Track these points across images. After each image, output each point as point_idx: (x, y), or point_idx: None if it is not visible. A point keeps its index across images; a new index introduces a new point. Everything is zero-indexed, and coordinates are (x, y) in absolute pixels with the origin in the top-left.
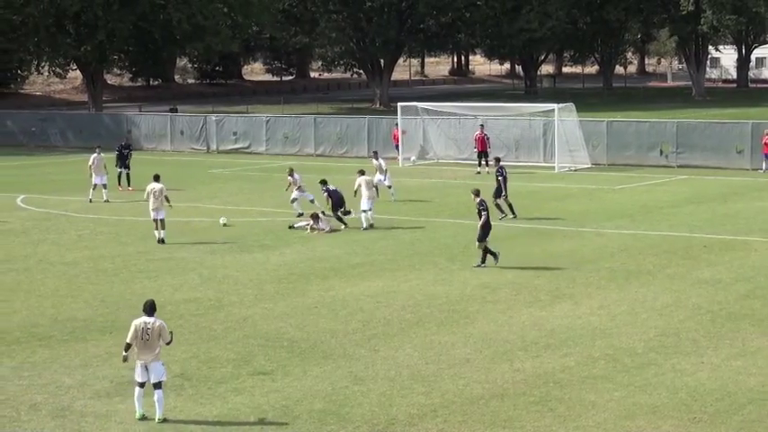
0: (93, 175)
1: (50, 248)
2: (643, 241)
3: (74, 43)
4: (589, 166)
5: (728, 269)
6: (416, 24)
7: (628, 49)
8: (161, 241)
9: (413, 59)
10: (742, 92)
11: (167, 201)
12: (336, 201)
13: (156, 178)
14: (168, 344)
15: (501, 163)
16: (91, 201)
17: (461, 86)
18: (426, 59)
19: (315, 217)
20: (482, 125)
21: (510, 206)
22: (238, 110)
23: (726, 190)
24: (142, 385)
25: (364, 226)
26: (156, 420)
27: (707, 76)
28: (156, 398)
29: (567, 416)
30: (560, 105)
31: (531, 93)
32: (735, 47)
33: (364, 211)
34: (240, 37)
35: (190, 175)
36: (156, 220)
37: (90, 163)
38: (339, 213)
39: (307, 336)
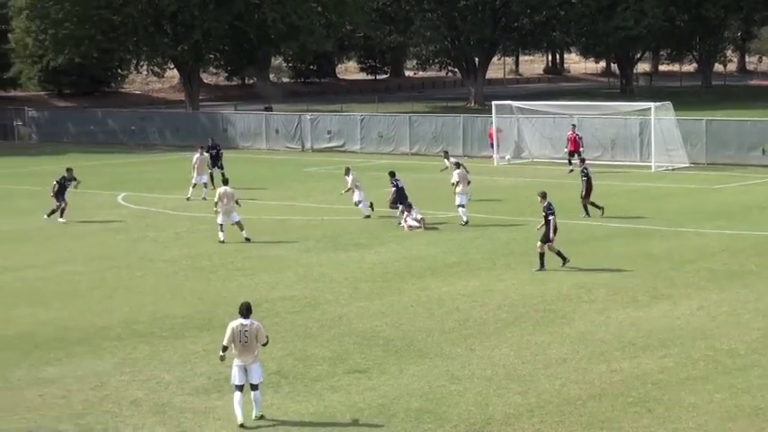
0: (195, 174)
1: (150, 246)
2: (744, 241)
3: (171, 43)
4: (687, 165)
5: None
6: (511, 23)
7: (727, 47)
8: (247, 240)
9: (507, 58)
10: None
11: (237, 203)
12: (397, 196)
13: (226, 182)
14: (264, 345)
15: (586, 163)
16: (188, 199)
17: (556, 85)
18: (521, 58)
19: (409, 207)
20: (574, 125)
21: (585, 207)
22: (333, 108)
23: None
24: (241, 388)
25: (464, 221)
26: (253, 417)
27: None
28: (253, 397)
29: (665, 417)
30: (657, 104)
31: (626, 91)
32: None
33: (460, 206)
34: (334, 36)
35: (284, 174)
36: (221, 225)
37: (193, 162)
38: (393, 207)
39: (402, 334)
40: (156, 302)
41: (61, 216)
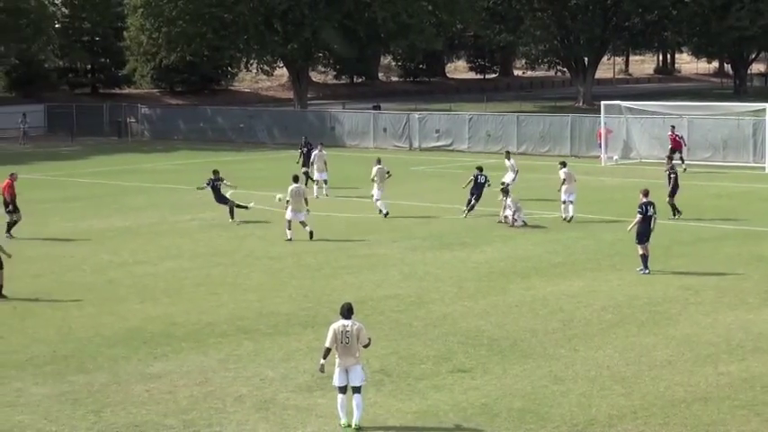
0: (315, 171)
1: (256, 243)
2: None
3: (281, 41)
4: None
5: None
6: (621, 22)
7: None
8: (311, 235)
9: (617, 58)
10: None
11: (306, 203)
12: (474, 189)
13: (296, 179)
14: (366, 346)
15: (673, 162)
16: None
17: (666, 85)
18: (631, 58)
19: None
20: (673, 126)
21: (672, 207)
22: (441, 107)
23: None
24: (343, 390)
25: (570, 214)
26: (353, 426)
27: None
28: (354, 403)
29: None
30: None
31: (740, 92)
32: None
33: (565, 202)
34: (444, 35)
35: (392, 173)
36: (290, 221)
37: (311, 159)
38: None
39: (506, 334)
40: (261, 299)
41: (232, 217)
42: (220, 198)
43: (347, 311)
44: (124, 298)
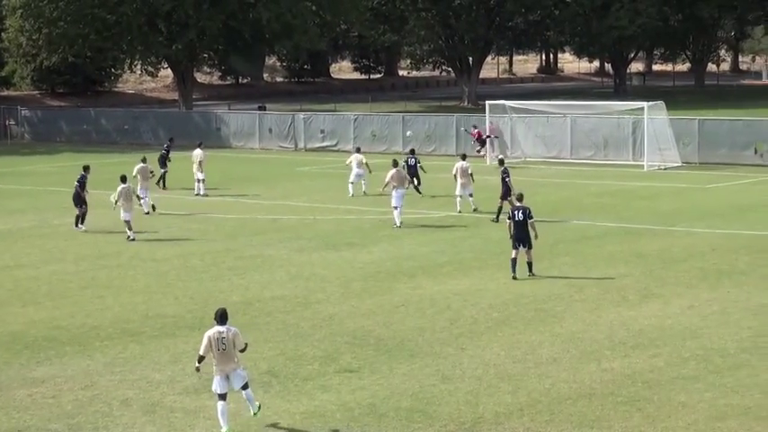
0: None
1: (141, 245)
2: (736, 241)
3: (165, 42)
4: (679, 164)
5: None
6: (505, 22)
7: (721, 47)
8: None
9: (501, 57)
10: None
11: (138, 199)
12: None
13: (123, 179)
14: (242, 351)
15: (505, 165)
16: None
17: (550, 84)
18: (515, 57)
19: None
20: (474, 125)
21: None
22: (326, 108)
23: None
24: (223, 397)
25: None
26: (253, 414)
27: None
28: (245, 396)
29: (656, 416)
30: (650, 103)
31: (620, 91)
32: None
33: (461, 197)
34: (328, 35)
35: (277, 173)
36: (127, 222)
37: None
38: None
39: (393, 334)
40: (148, 302)
41: (82, 222)
42: (78, 199)
43: (221, 317)
44: (6, 302)
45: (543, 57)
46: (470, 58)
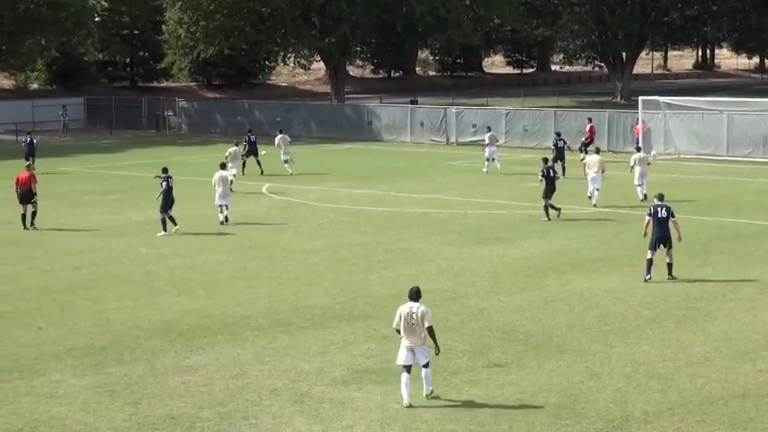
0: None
1: (292, 237)
2: None
3: (318, 35)
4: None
5: None
6: (660, 17)
7: None
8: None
9: (655, 53)
10: None
11: (231, 189)
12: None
13: (223, 167)
14: (430, 331)
15: (549, 164)
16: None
17: (706, 81)
18: (669, 53)
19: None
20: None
21: (546, 208)
22: (478, 102)
23: None
24: (408, 369)
25: (643, 194)
26: (425, 395)
27: None
28: (423, 375)
29: None
30: None
31: None
32: None
33: (640, 186)
34: (482, 29)
35: (429, 167)
36: (220, 206)
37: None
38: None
39: (542, 329)
40: (297, 293)
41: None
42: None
43: (415, 294)
44: (161, 290)
45: (699, 52)
46: (624, 54)
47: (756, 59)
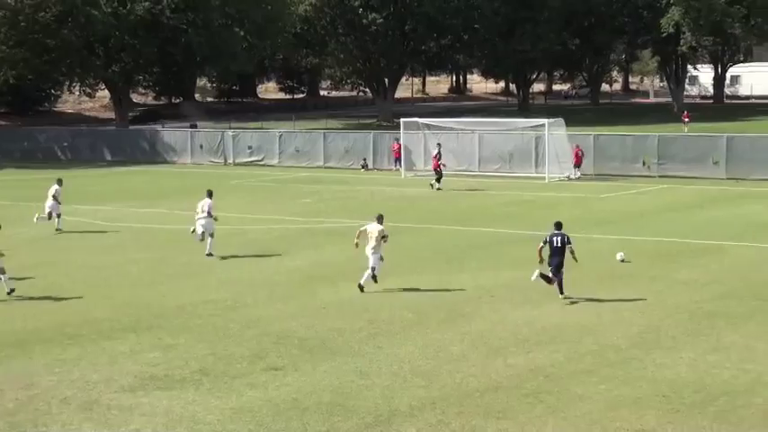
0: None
1: (80, 254)
2: (627, 245)
3: (103, 65)
4: (578, 176)
5: (705, 271)
6: (418, 46)
7: (613, 69)
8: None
9: (415, 78)
10: (718, 107)
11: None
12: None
13: (210, 194)
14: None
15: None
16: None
17: (459, 103)
18: (427, 78)
19: None
20: (439, 143)
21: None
22: (253, 126)
23: (703, 198)
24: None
25: None
26: None
27: (686, 93)
28: None
29: (556, 407)
30: (551, 120)
31: (523, 109)
32: (711, 66)
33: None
34: (255, 58)
35: (209, 186)
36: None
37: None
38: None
39: (315, 334)
40: (87, 306)
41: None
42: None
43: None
44: None
45: (453, 78)
46: (386, 80)
47: (502, 84)
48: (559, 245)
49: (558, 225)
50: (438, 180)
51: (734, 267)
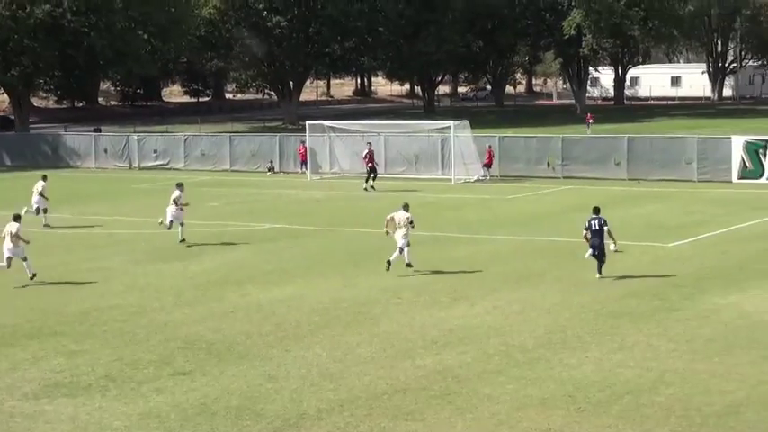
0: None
1: None
2: (533, 246)
3: (1, 68)
4: (488, 177)
5: (608, 271)
6: (322, 48)
7: (517, 71)
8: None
9: (319, 81)
10: (619, 109)
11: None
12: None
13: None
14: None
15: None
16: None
17: (365, 106)
18: (332, 81)
19: None
20: (369, 143)
21: None
22: (158, 129)
23: (606, 199)
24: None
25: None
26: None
27: (588, 95)
28: None
29: (464, 408)
30: (456, 122)
31: (429, 111)
32: (612, 68)
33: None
34: (159, 61)
35: (114, 190)
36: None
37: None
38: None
39: (223, 338)
40: None
41: None
42: None
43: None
44: None
45: (358, 80)
46: (291, 82)
47: (408, 86)
48: (598, 227)
49: (596, 210)
50: (372, 179)
51: (636, 267)
